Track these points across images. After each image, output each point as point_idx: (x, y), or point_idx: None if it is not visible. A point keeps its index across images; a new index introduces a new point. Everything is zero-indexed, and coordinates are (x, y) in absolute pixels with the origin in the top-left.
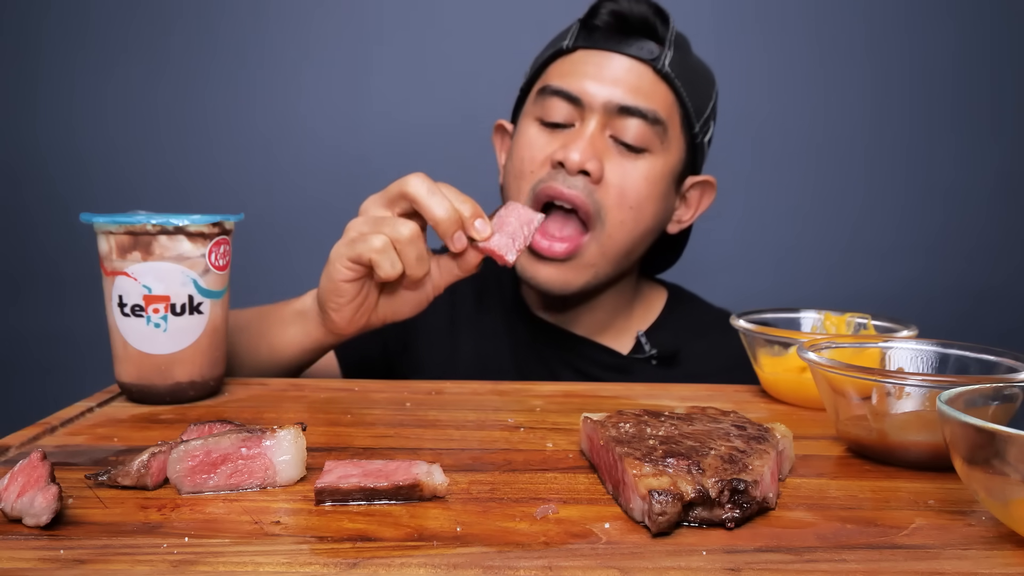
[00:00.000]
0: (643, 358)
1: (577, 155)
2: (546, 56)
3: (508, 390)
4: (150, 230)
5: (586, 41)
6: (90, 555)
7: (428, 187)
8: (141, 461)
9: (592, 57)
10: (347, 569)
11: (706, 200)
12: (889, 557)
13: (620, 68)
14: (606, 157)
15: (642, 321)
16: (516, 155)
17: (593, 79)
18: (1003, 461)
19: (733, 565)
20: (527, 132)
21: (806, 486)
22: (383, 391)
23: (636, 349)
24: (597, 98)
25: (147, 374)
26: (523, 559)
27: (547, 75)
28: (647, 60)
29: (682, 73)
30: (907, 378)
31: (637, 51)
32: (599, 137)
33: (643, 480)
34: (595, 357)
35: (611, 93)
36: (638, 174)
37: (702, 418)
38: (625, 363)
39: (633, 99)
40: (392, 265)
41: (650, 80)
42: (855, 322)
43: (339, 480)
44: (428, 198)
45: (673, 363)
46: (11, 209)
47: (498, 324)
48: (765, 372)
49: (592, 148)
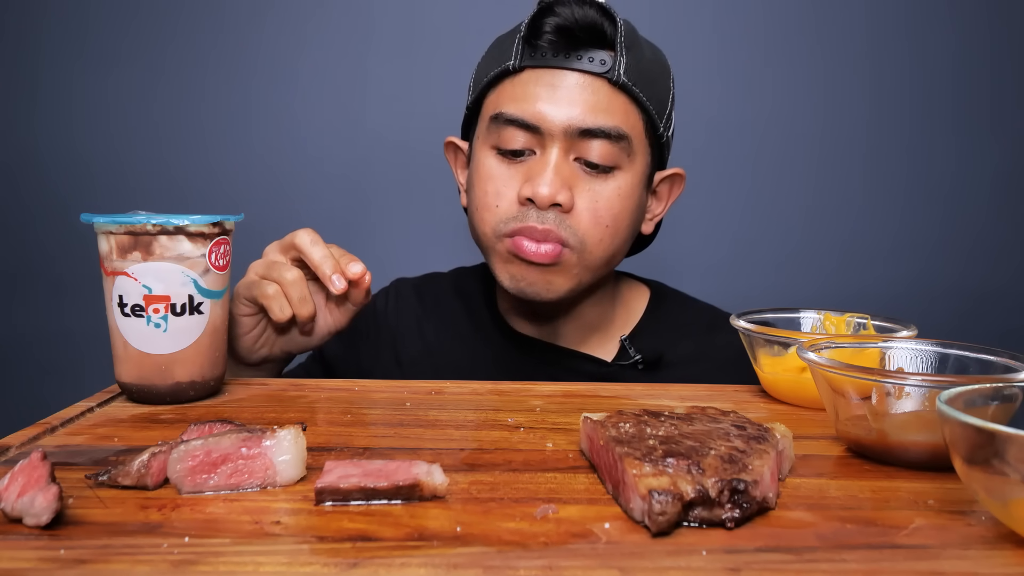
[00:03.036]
0: (628, 364)
1: (546, 188)
2: (492, 75)
3: (508, 390)
4: (150, 230)
5: (532, 59)
6: (90, 555)
7: (312, 239)
8: (141, 461)
9: (542, 77)
10: (347, 569)
11: (676, 191)
12: (889, 557)
13: (574, 86)
14: (575, 183)
15: (625, 324)
16: (479, 188)
17: (547, 102)
18: (1003, 461)
19: (733, 565)
20: (486, 163)
21: (806, 486)
22: (383, 391)
23: (621, 355)
24: (556, 124)
25: (147, 374)
26: (523, 559)
27: (497, 98)
28: (601, 73)
29: (639, 77)
30: (907, 378)
31: (589, 65)
32: (564, 164)
33: (643, 480)
34: (579, 367)
35: (569, 115)
36: (609, 193)
37: (702, 418)
38: (611, 371)
39: (593, 119)
40: (281, 309)
41: (607, 94)
42: (855, 322)
43: (339, 480)
44: (310, 247)
45: (659, 367)
46: (11, 209)
47: (478, 344)
48: (765, 372)
49: (560, 178)
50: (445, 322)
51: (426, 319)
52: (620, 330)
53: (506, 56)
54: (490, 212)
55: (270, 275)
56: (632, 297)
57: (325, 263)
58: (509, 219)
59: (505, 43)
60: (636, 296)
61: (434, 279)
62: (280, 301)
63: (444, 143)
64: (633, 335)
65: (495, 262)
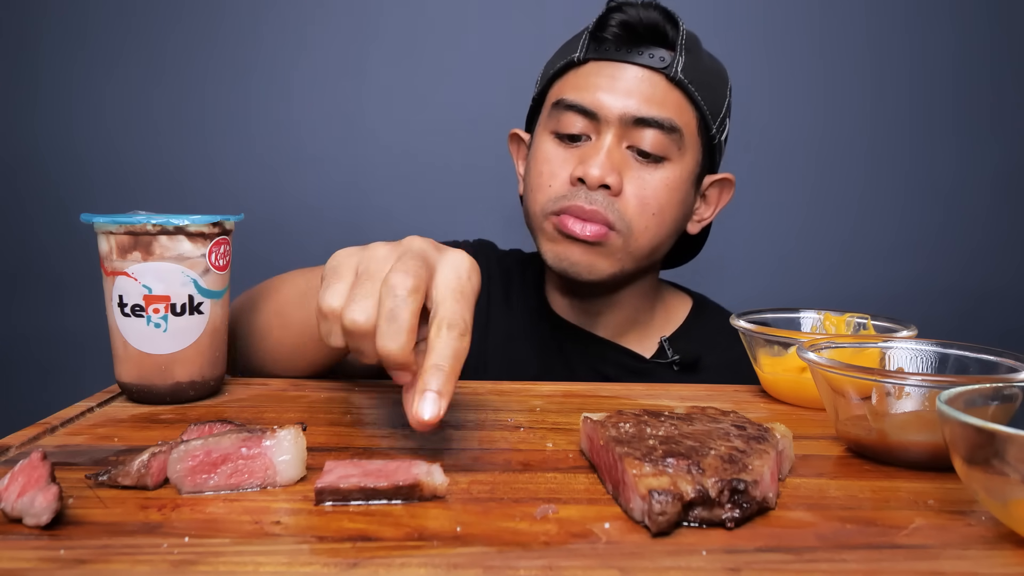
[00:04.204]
0: (665, 363)
1: (597, 170)
2: (557, 67)
3: (508, 390)
4: (150, 230)
5: (596, 52)
6: (90, 555)
7: (457, 292)
8: (141, 461)
9: (604, 69)
10: (347, 569)
11: (725, 197)
12: (889, 557)
13: (633, 79)
14: (625, 169)
15: (664, 327)
16: (534, 169)
17: (606, 91)
18: (1003, 461)
19: (733, 565)
20: (544, 146)
21: (806, 486)
22: (383, 391)
23: (659, 353)
24: (612, 111)
25: (147, 374)
26: (523, 559)
27: (560, 87)
28: (659, 68)
29: (695, 77)
30: (907, 378)
31: (648, 60)
32: (616, 150)
33: (643, 480)
34: (617, 359)
35: (625, 105)
36: (657, 182)
37: (702, 418)
38: (647, 367)
39: (648, 109)
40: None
41: (663, 88)
42: (855, 322)
43: (339, 480)
44: (454, 311)
45: (695, 370)
46: (11, 209)
47: (524, 325)
48: (765, 372)
49: (610, 162)
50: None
51: (489, 289)
52: (659, 331)
53: (572, 50)
54: (542, 192)
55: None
56: (675, 303)
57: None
58: (559, 197)
59: (572, 41)
60: (679, 303)
61: (498, 254)
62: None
63: (508, 135)
64: (673, 337)
65: (542, 241)
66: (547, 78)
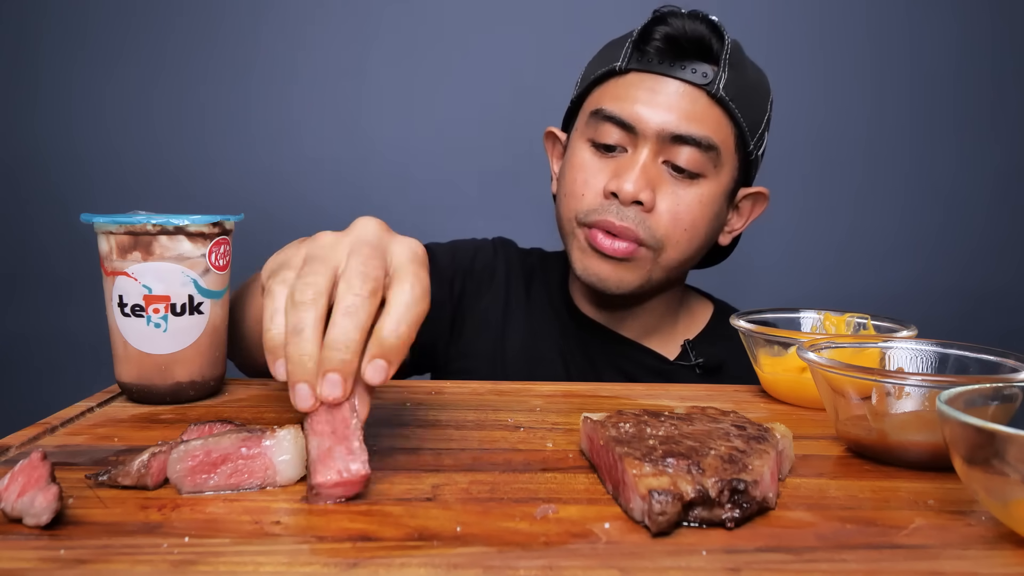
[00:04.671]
0: (688, 365)
1: (631, 186)
2: (599, 73)
3: (508, 390)
4: (150, 230)
5: (639, 64)
6: (90, 555)
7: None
8: (141, 461)
9: (645, 81)
10: (347, 569)
11: (758, 209)
12: (889, 557)
13: (674, 94)
14: (659, 185)
15: (687, 330)
16: (569, 176)
17: (646, 105)
18: (1003, 461)
19: (733, 565)
20: (580, 154)
21: (806, 486)
22: (383, 391)
23: (681, 357)
24: (650, 125)
25: (147, 374)
26: (523, 559)
27: (599, 95)
28: (701, 84)
29: (737, 94)
30: (907, 378)
31: (691, 76)
32: (652, 165)
33: (643, 480)
34: (641, 360)
35: (664, 120)
36: (691, 199)
37: (702, 418)
38: (670, 369)
39: (687, 127)
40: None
41: (704, 105)
42: (855, 322)
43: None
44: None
45: (717, 373)
46: (11, 209)
47: (546, 320)
48: (765, 372)
49: (645, 177)
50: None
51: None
52: (683, 334)
53: (615, 58)
54: (576, 200)
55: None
56: (698, 309)
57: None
58: (591, 210)
59: (616, 46)
60: (702, 308)
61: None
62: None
63: (544, 133)
64: (696, 341)
65: (572, 248)
66: (588, 82)
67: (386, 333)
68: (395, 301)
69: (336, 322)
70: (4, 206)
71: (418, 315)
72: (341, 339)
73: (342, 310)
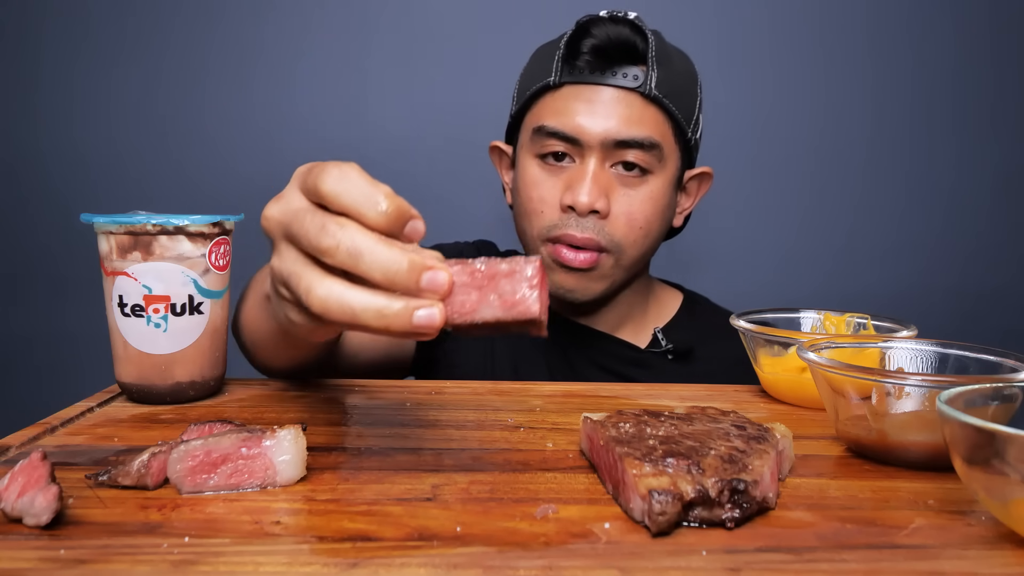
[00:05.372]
0: (660, 352)
1: (585, 197)
2: (534, 90)
3: (508, 390)
4: (150, 230)
5: (571, 76)
6: (90, 555)
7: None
8: (141, 461)
9: (581, 93)
10: (347, 569)
11: (704, 187)
12: (889, 557)
13: (610, 101)
14: (611, 191)
15: (658, 319)
16: (524, 194)
17: (585, 116)
18: (1003, 461)
19: (733, 565)
20: (531, 171)
21: (806, 486)
22: (383, 391)
23: (653, 344)
24: (593, 135)
25: (147, 374)
26: (523, 559)
27: (539, 111)
28: (634, 88)
29: (670, 89)
30: (907, 378)
31: (623, 81)
32: (601, 173)
33: (643, 480)
34: (615, 352)
35: (606, 128)
36: (642, 198)
37: (702, 418)
38: (643, 357)
39: (628, 131)
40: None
41: (640, 106)
42: (855, 322)
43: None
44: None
45: (688, 358)
46: (11, 209)
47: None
48: (765, 372)
49: (597, 186)
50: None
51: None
52: (653, 323)
53: (547, 72)
54: (537, 217)
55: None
56: (666, 298)
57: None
58: (552, 226)
59: (545, 58)
60: (670, 297)
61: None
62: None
63: (489, 147)
64: (666, 329)
65: None
66: (523, 99)
67: (383, 208)
68: (360, 198)
69: (367, 250)
70: (4, 206)
71: (372, 184)
72: (388, 253)
73: (351, 244)
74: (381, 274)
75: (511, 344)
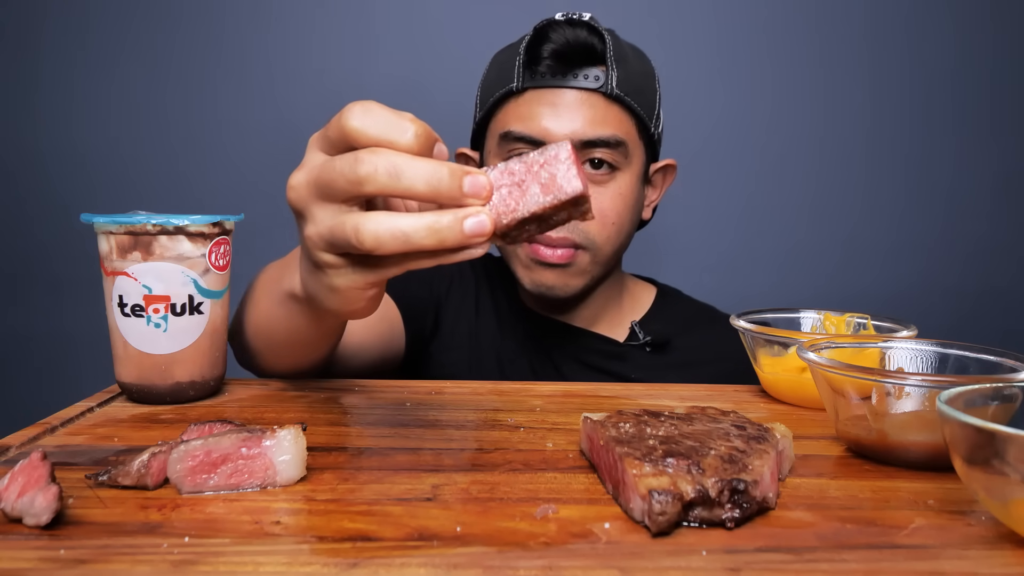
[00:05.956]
0: (638, 345)
1: None
2: (497, 96)
3: (508, 390)
4: (150, 230)
5: (532, 81)
6: (90, 555)
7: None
8: (141, 461)
9: (544, 96)
10: (347, 569)
11: (669, 178)
12: (889, 557)
13: (573, 103)
14: None
15: (633, 312)
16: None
17: (550, 119)
18: (1003, 461)
19: (733, 565)
20: None
21: (806, 486)
22: (383, 391)
23: (630, 337)
24: (559, 137)
25: (147, 374)
26: (523, 559)
27: (504, 117)
28: (596, 88)
29: (630, 88)
30: (907, 378)
31: (584, 82)
32: None
33: (643, 480)
34: (594, 346)
35: (571, 129)
36: (612, 195)
37: (702, 418)
38: (622, 350)
39: (594, 131)
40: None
41: (603, 106)
42: (855, 322)
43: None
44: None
45: (666, 349)
46: (11, 209)
47: (502, 325)
48: (765, 372)
49: None
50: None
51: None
52: (629, 317)
53: (508, 78)
54: None
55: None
56: (640, 292)
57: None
58: None
59: (506, 64)
60: (644, 291)
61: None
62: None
63: (456, 154)
64: (642, 322)
65: (516, 266)
66: (487, 106)
67: (413, 131)
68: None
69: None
70: (4, 206)
71: (396, 112)
72: (427, 164)
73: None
74: (425, 184)
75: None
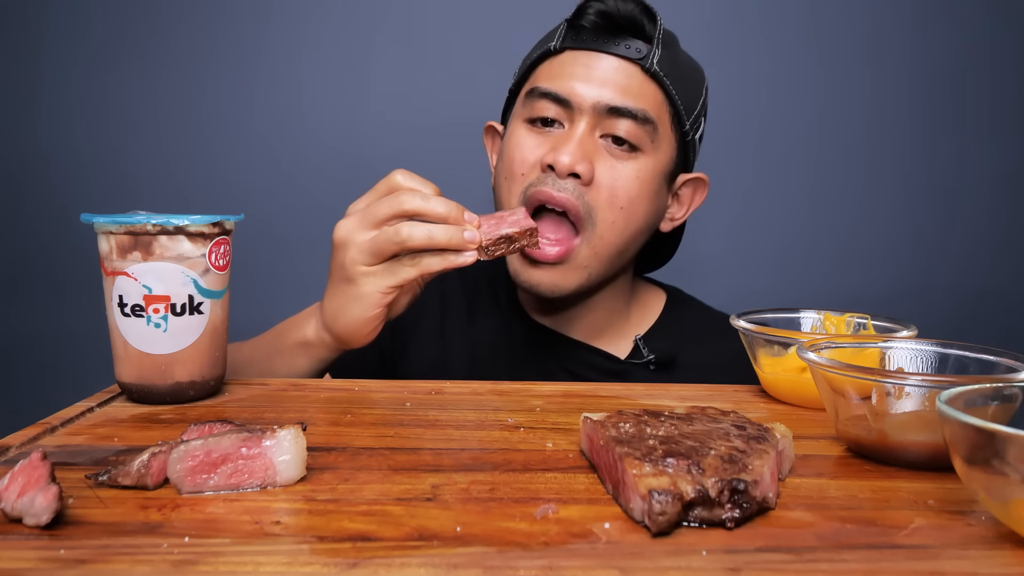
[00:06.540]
0: (640, 363)
1: (567, 158)
2: (534, 57)
3: (508, 390)
4: (150, 230)
5: (573, 42)
6: (90, 555)
7: (417, 189)
8: (141, 461)
9: (580, 58)
10: (347, 569)
11: (699, 197)
12: (889, 557)
13: (609, 68)
14: (596, 158)
15: (640, 324)
16: (506, 156)
17: (581, 80)
18: (1003, 461)
19: (733, 565)
20: (517, 133)
21: (806, 486)
22: (383, 391)
23: (634, 353)
24: (586, 99)
25: (147, 374)
26: (523, 559)
27: (535, 77)
28: (635, 59)
29: (671, 71)
30: (907, 378)
31: (625, 51)
32: (589, 138)
33: (643, 480)
34: (592, 361)
35: (600, 94)
36: (629, 174)
37: (702, 418)
38: (622, 368)
39: (622, 99)
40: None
41: (639, 80)
42: (855, 322)
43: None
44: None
45: (671, 368)
46: (11, 209)
47: (493, 327)
48: (765, 372)
49: (582, 150)
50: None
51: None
52: (635, 329)
53: (549, 40)
54: (516, 181)
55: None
56: (649, 299)
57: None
58: (528, 184)
59: (551, 31)
60: (653, 298)
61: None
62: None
63: (484, 127)
64: (648, 335)
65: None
66: (524, 68)
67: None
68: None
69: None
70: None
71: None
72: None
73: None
74: (444, 209)
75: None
